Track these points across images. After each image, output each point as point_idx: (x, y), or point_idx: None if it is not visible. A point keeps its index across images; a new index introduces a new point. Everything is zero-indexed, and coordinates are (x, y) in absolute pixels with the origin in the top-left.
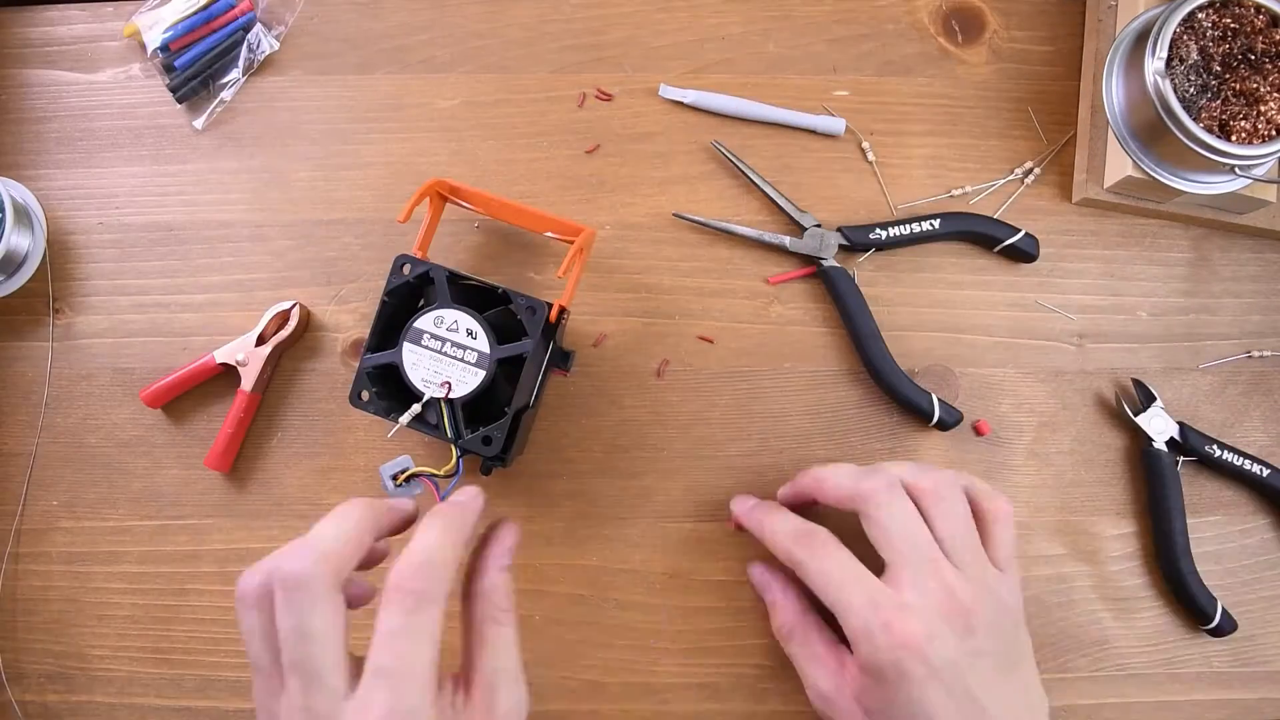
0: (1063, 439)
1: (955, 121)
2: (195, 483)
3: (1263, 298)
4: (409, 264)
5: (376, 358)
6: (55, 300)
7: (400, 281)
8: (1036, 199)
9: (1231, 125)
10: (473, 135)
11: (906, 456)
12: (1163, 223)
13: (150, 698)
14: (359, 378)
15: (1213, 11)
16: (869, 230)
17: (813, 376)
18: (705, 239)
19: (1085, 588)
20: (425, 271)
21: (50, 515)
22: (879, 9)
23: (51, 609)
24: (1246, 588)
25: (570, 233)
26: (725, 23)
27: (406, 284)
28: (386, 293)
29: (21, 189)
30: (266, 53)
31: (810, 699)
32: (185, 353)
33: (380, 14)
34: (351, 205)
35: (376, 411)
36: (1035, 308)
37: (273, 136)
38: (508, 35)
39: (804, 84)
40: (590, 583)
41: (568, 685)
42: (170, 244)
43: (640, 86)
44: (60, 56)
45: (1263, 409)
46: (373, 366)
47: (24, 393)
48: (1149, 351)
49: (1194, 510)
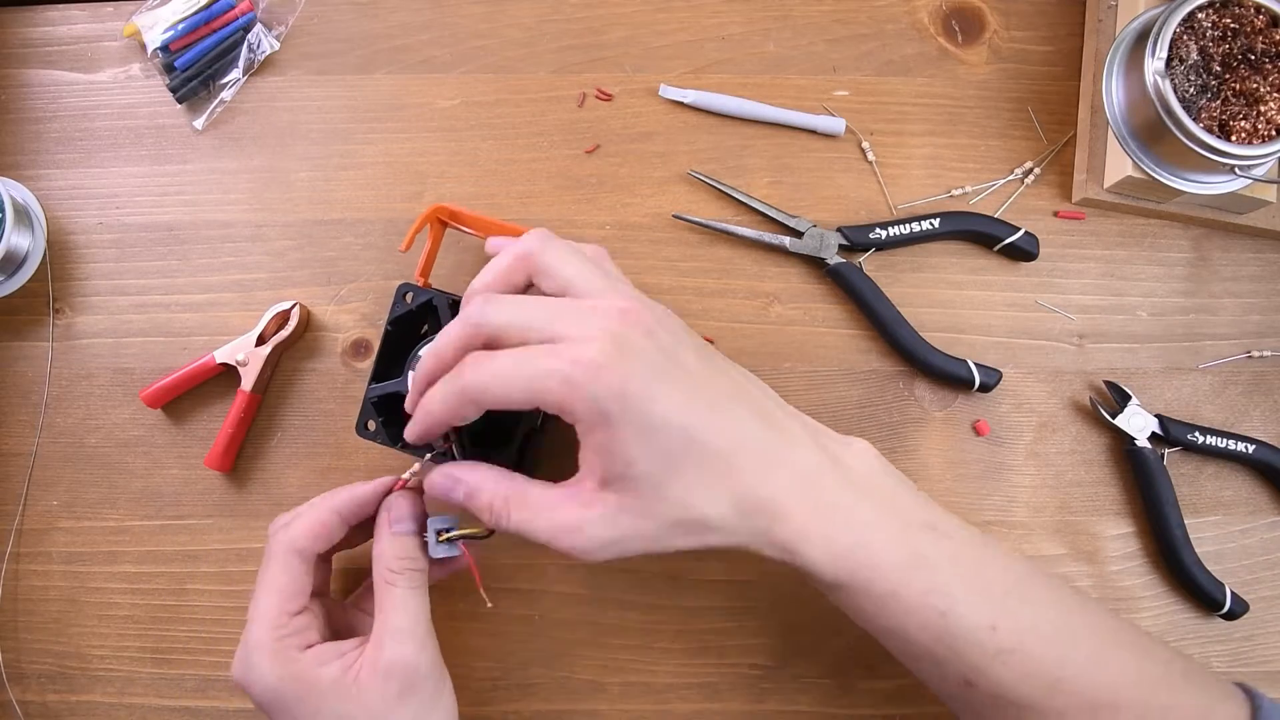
0: (1063, 439)
1: (955, 121)
2: (195, 483)
3: (1263, 298)
4: (411, 292)
5: (381, 387)
6: (55, 300)
7: (403, 310)
8: (1036, 199)
9: (1231, 125)
10: (473, 135)
11: (908, 456)
12: (1163, 223)
13: (150, 698)
14: (364, 408)
15: (1213, 11)
16: (869, 230)
17: (812, 376)
18: (705, 239)
19: (1085, 588)
20: (429, 299)
21: (50, 515)
22: (879, 9)
23: (51, 609)
24: (1246, 588)
25: None
26: (725, 23)
27: (409, 312)
28: (390, 322)
29: (21, 189)
30: (267, 53)
31: (568, 550)
32: (185, 353)
33: (380, 14)
34: (351, 205)
35: (383, 442)
36: (1035, 307)
37: (273, 136)
38: (507, 35)
39: (804, 84)
40: (590, 583)
41: (568, 685)
42: (170, 244)
43: (640, 86)
44: (60, 56)
45: (1263, 409)
46: (378, 396)
47: (24, 393)
48: (1149, 351)
49: (1192, 511)
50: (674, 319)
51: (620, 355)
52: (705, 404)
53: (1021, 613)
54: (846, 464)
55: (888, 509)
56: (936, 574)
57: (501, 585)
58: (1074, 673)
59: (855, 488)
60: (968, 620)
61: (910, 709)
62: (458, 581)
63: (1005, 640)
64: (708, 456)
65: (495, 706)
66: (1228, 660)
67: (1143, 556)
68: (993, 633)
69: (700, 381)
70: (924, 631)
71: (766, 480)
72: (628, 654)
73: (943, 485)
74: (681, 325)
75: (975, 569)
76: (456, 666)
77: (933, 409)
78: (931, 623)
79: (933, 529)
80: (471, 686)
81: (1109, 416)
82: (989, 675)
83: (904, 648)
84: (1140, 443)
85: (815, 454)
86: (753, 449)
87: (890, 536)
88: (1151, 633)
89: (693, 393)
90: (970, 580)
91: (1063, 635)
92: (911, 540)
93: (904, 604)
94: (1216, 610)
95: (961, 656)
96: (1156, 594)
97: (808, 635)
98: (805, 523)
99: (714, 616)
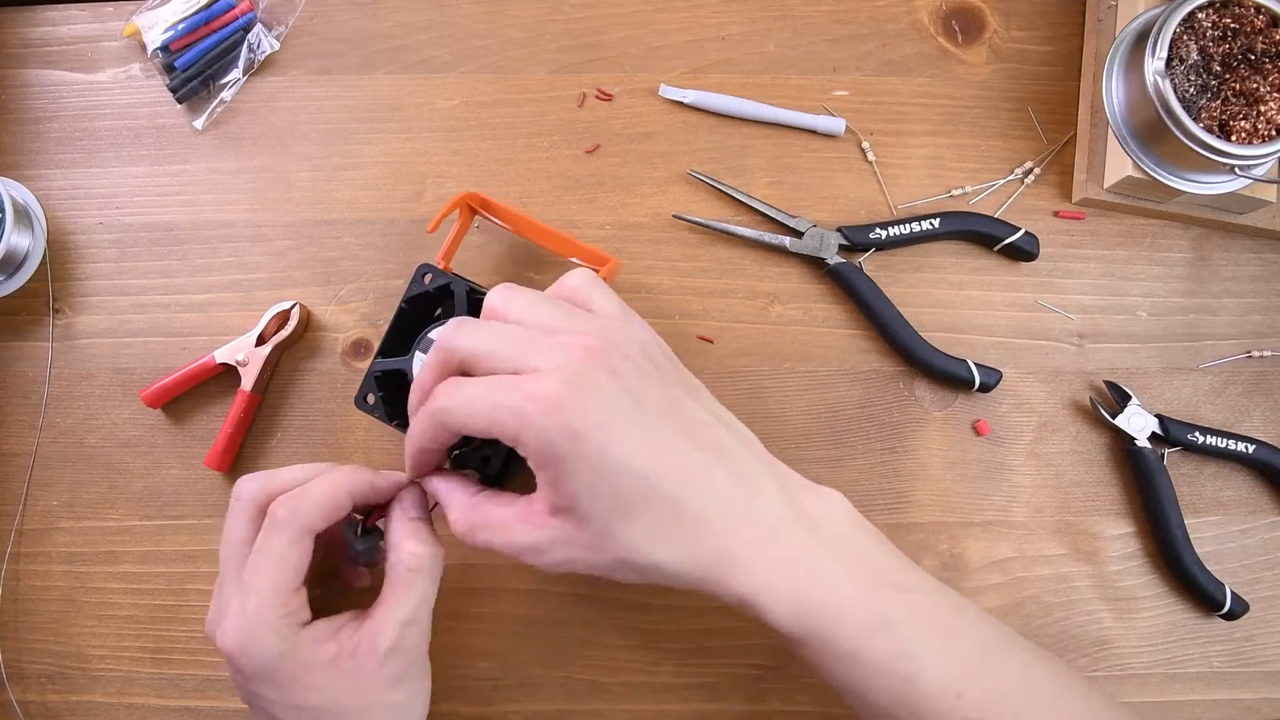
0: (1063, 439)
1: (955, 121)
2: (195, 483)
3: (1263, 298)
4: (431, 274)
5: (386, 363)
6: (55, 300)
7: (420, 290)
8: (1036, 199)
9: (1231, 125)
10: (473, 135)
11: (908, 456)
12: (1163, 223)
13: (150, 698)
14: (366, 380)
15: (1213, 11)
16: (869, 230)
17: (812, 376)
18: (705, 239)
19: (1085, 588)
20: (446, 284)
21: (50, 515)
22: (879, 9)
23: (51, 609)
24: (1247, 588)
25: (597, 261)
26: (725, 23)
27: (425, 294)
28: (405, 300)
29: (21, 189)
30: (267, 53)
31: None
32: (185, 353)
33: (380, 14)
34: (351, 205)
35: (380, 417)
36: (1035, 307)
37: (273, 136)
38: (507, 35)
39: (804, 84)
40: (590, 583)
41: (568, 685)
42: (170, 244)
43: (640, 86)
44: (60, 56)
45: (1263, 409)
46: (381, 371)
47: (24, 393)
48: (1149, 351)
49: (1192, 511)
50: (650, 352)
51: (576, 393)
52: (666, 449)
53: (990, 682)
54: (815, 518)
55: (855, 566)
56: (902, 637)
57: (501, 585)
58: None
59: (822, 543)
60: (933, 687)
61: None
62: (458, 581)
63: (970, 709)
64: (664, 503)
65: (495, 706)
66: (1228, 660)
67: (1143, 556)
68: (957, 700)
69: (664, 425)
70: (885, 695)
71: (726, 533)
72: (628, 654)
73: (943, 485)
74: (657, 360)
75: (943, 632)
76: (456, 666)
77: (933, 409)
78: (894, 687)
79: (901, 589)
80: (471, 686)
81: (1109, 416)
82: None
83: (864, 708)
84: (1140, 443)
85: (782, 506)
86: (714, 499)
87: (856, 595)
88: (1143, 640)
89: (653, 436)
90: (938, 644)
91: (1030, 706)
92: (879, 600)
93: (867, 665)
94: (1217, 610)
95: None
96: (1156, 594)
97: None
98: (765, 577)
99: (714, 616)
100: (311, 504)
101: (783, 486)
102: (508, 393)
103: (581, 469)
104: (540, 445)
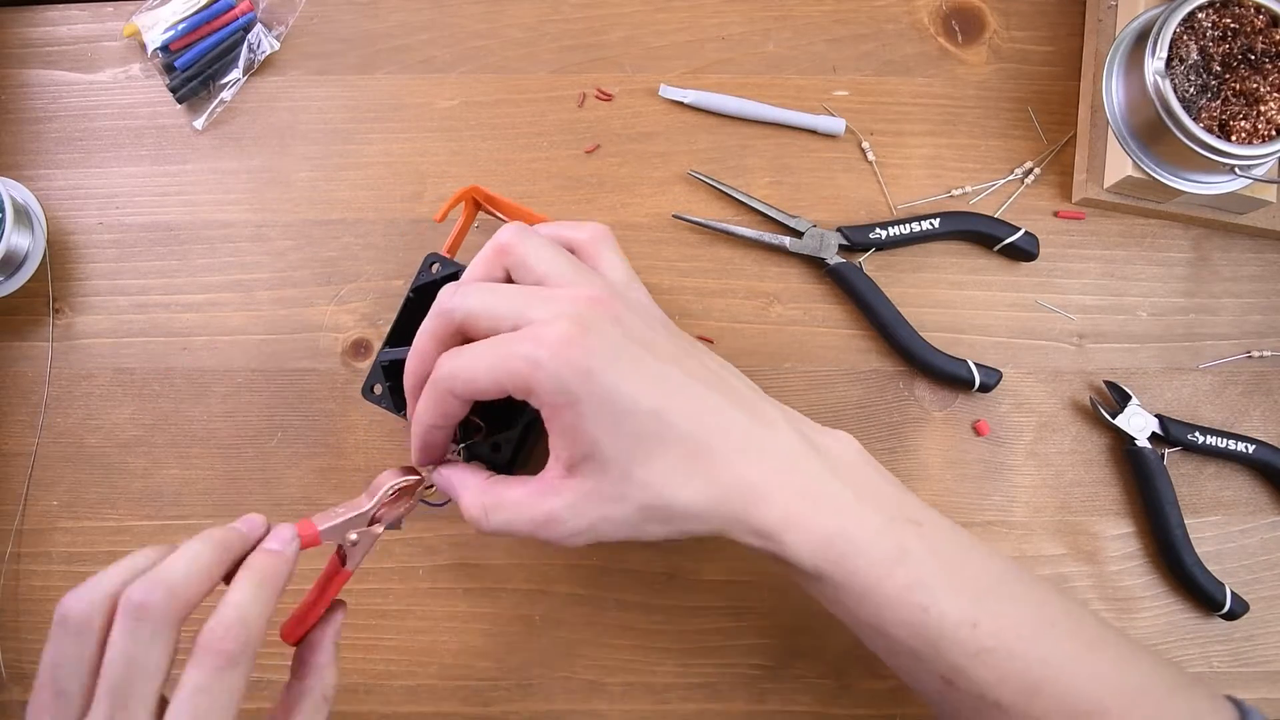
0: (1062, 439)
1: (955, 121)
2: (195, 483)
3: (1263, 298)
4: (438, 263)
5: (393, 352)
6: (55, 300)
7: (428, 279)
8: (1036, 199)
9: (1231, 125)
10: (473, 135)
11: (908, 456)
12: (1163, 223)
13: None
14: (374, 370)
15: (1213, 11)
16: (869, 230)
17: (812, 376)
18: (705, 239)
19: (1085, 588)
20: (454, 273)
21: (50, 515)
22: (879, 9)
23: (51, 609)
24: (1247, 588)
25: None
26: (725, 23)
27: (433, 282)
28: (412, 289)
29: (21, 189)
30: (267, 53)
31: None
32: (185, 353)
33: (380, 14)
34: (351, 205)
35: (387, 407)
36: (1035, 307)
37: (273, 136)
38: (507, 35)
39: (804, 84)
40: (590, 583)
41: (568, 685)
42: (170, 244)
43: (640, 86)
44: (60, 56)
45: (1263, 409)
46: (389, 360)
47: (24, 393)
48: (1149, 351)
49: (1193, 511)
50: (653, 311)
51: (585, 334)
52: (678, 387)
53: (1003, 610)
54: (830, 452)
55: (871, 500)
56: (919, 568)
57: (501, 585)
58: (1055, 675)
59: (838, 476)
60: (949, 616)
61: (910, 709)
62: (458, 581)
63: (986, 638)
64: (680, 440)
65: (495, 706)
66: (1228, 660)
67: (1143, 556)
68: (973, 630)
69: (674, 365)
70: (904, 627)
71: (745, 464)
72: (628, 654)
73: (943, 485)
74: (661, 318)
75: (958, 565)
76: (456, 666)
77: (933, 409)
78: (912, 618)
79: (916, 523)
80: (471, 686)
81: (1109, 416)
82: (969, 675)
83: (884, 643)
84: (1140, 443)
85: (797, 440)
86: (730, 433)
87: (874, 528)
88: (1142, 640)
89: (664, 376)
90: (953, 576)
91: (1045, 635)
92: (895, 533)
93: (885, 598)
94: (1217, 610)
95: (941, 654)
96: (1156, 594)
97: (808, 635)
98: (786, 506)
99: (714, 616)
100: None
101: (794, 425)
102: (516, 342)
103: (597, 408)
104: (554, 388)
